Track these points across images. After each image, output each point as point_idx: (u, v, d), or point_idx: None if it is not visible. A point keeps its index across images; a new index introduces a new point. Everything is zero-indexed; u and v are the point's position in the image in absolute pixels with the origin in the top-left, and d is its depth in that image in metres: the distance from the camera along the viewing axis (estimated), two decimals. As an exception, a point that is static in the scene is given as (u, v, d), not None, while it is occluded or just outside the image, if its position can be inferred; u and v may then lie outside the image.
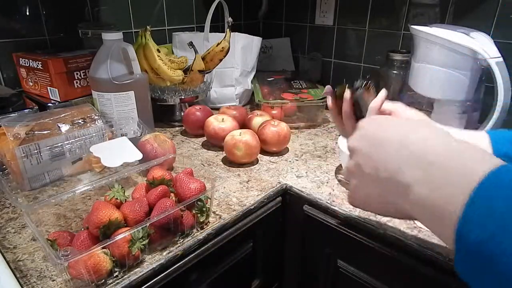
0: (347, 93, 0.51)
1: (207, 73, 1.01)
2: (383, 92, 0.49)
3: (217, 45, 0.98)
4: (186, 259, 0.56)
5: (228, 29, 0.97)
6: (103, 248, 0.45)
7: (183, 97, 0.99)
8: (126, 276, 0.49)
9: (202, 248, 0.58)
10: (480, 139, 0.49)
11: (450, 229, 0.28)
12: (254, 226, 0.67)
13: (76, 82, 0.85)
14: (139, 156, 0.63)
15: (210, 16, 1.02)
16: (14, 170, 0.65)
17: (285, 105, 0.98)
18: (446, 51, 0.79)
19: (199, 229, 0.58)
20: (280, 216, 0.75)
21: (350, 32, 1.23)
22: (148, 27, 0.92)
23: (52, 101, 0.84)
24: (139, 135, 0.78)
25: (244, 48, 1.10)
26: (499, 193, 0.27)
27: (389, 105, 0.51)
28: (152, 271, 0.51)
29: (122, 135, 0.77)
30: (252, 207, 0.66)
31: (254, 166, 0.79)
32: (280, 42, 1.41)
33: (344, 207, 0.64)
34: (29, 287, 0.47)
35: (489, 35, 0.83)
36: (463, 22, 0.98)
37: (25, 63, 0.85)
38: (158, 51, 0.94)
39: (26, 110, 0.76)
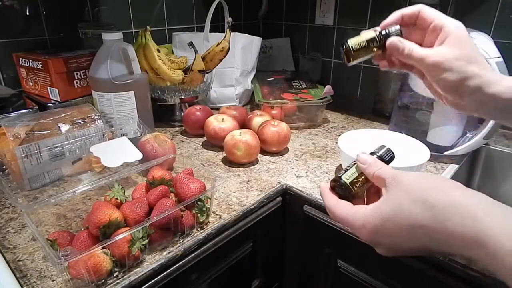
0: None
1: (207, 73, 1.01)
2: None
3: (217, 45, 0.98)
4: (186, 259, 0.56)
5: (228, 29, 0.97)
6: (103, 248, 0.45)
7: (183, 97, 0.99)
8: (126, 276, 0.49)
9: (202, 248, 0.58)
10: None
11: None
12: (254, 226, 0.67)
13: (76, 82, 0.85)
14: (139, 156, 0.63)
15: (210, 16, 1.02)
16: (14, 170, 0.65)
17: (285, 105, 0.98)
18: (446, 51, 0.79)
19: (199, 229, 0.58)
20: (280, 216, 0.75)
21: (350, 32, 1.22)
22: (148, 27, 0.92)
23: (52, 101, 0.84)
24: (139, 135, 0.78)
25: (244, 48, 1.10)
26: None
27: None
28: (152, 271, 0.51)
29: (122, 135, 0.77)
30: (252, 207, 0.66)
31: (254, 166, 0.79)
32: (280, 42, 1.41)
33: (344, 207, 0.64)
34: (29, 287, 0.47)
35: (489, 35, 0.83)
36: (463, 22, 0.97)
37: (25, 63, 0.85)
38: (158, 51, 0.94)
39: (26, 110, 0.76)
